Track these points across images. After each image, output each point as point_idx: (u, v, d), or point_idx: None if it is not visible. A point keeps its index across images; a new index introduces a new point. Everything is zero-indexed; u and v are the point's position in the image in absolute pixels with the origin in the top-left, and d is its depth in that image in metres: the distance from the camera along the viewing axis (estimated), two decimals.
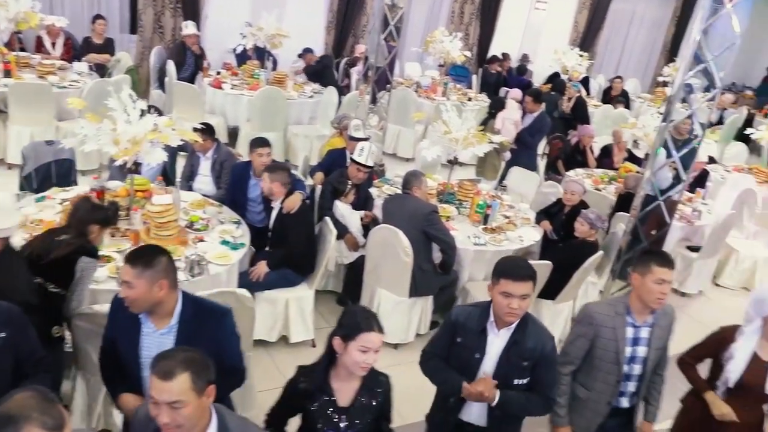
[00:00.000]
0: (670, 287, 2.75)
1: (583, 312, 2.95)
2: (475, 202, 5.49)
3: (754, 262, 7.01)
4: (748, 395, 2.93)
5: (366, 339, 2.30)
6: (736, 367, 2.90)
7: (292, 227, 4.53)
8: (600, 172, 7.49)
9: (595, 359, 2.89)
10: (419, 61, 11.47)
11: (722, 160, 9.66)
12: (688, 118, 3.61)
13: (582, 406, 2.98)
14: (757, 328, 2.90)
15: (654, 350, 2.90)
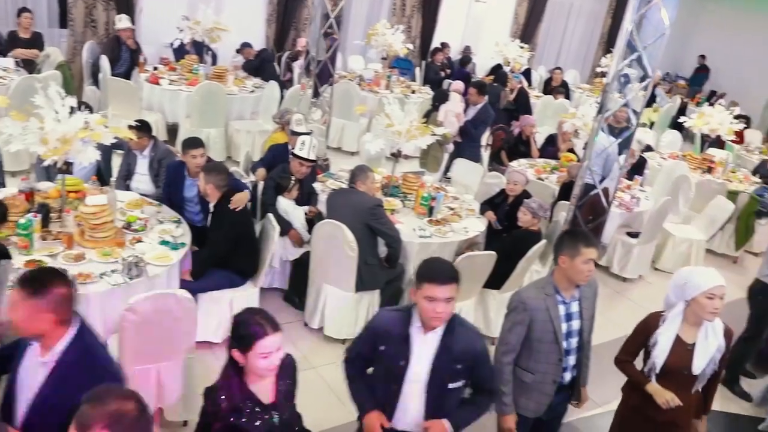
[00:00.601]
0: (593, 264, 2.90)
1: (515, 299, 3.01)
2: (420, 194, 5.50)
3: (689, 245, 7.26)
4: (676, 379, 2.99)
5: (263, 346, 2.26)
6: (661, 352, 2.96)
7: (215, 228, 4.43)
8: (542, 161, 7.60)
9: (534, 342, 2.97)
10: (362, 54, 11.42)
11: (658, 148, 9.96)
12: (624, 106, 3.69)
13: (529, 390, 3.05)
14: (679, 312, 2.96)
15: (586, 321, 3.05)
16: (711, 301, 2.85)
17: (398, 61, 11.06)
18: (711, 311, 2.86)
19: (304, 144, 5.07)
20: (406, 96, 9.50)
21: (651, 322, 3.07)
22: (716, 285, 2.85)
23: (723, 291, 2.86)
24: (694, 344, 2.96)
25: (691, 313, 2.93)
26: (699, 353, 2.95)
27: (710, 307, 2.85)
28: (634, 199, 6.87)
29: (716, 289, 2.84)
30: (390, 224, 4.77)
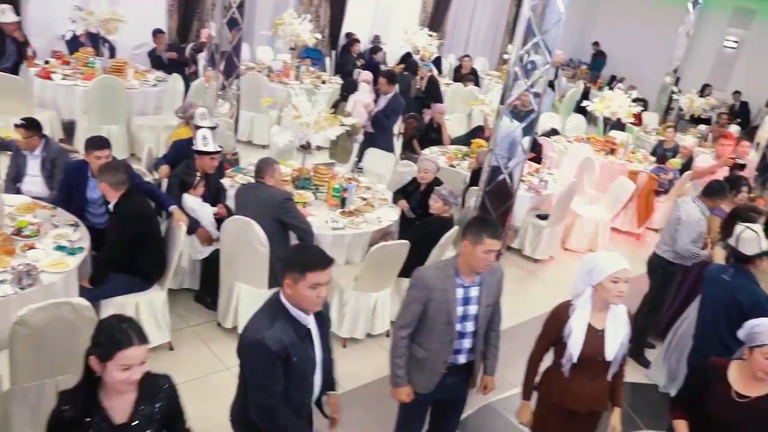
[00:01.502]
0: (495, 255, 2.92)
1: (416, 277, 3.03)
2: (331, 186, 5.42)
3: (596, 225, 7.54)
4: (591, 366, 2.99)
5: (125, 357, 2.06)
6: (576, 342, 2.94)
7: (113, 230, 4.22)
8: (453, 148, 7.68)
9: (429, 321, 3.00)
10: (270, 44, 11.18)
11: (564, 132, 10.30)
12: (526, 91, 3.75)
13: (421, 366, 3.09)
14: (587, 299, 2.96)
15: (484, 307, 3.06)
16: (616, 285, 2.86)
17: (308, 51, 10.91)
18: (616, 295, 2.88)
19: (206, 138, 4.89)
20: (317, 86, 9.38)
21: (562, 313, 3.04)
22: (620, 269, 2.87)
23: (627, 275, 2.88)
24: (604, 330, 2.97)
25: (598, 298, 2.94)
26: (610, 339, 2.96)
27: (615, 291, 2.87)
28: (543, 182, 7.07)
29: (620, 273, 2.86)
30: (301, 217, 4.67)
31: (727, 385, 2.84)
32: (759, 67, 14.19)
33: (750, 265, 3.75)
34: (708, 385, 2.92)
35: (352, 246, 5.15)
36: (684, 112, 12.73)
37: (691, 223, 4.87)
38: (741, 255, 3.76)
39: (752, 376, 2.79)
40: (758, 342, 2.74)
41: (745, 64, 15.23)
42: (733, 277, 3.75)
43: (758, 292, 3.63)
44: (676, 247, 4.94)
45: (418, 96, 9.91)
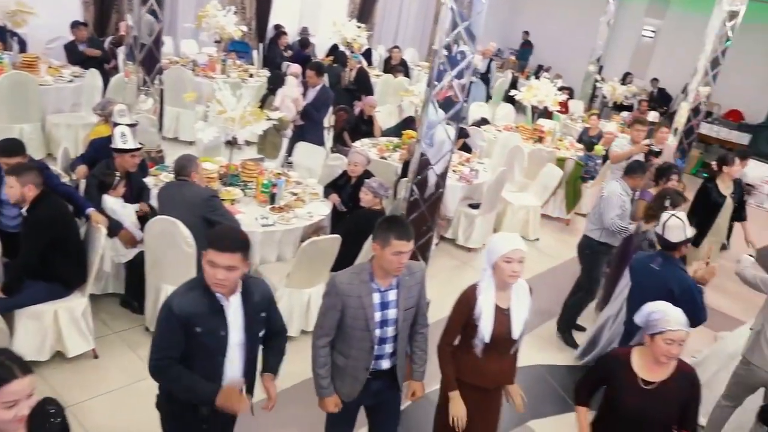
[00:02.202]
0: (407, 256, 2.81)
1: (329, 284, 2.93)
2: (260, 182, 5.31)
3: (526, 212, 7.68)
4: (500, 344, 3.07)
5: (8, 393, 1.81)
6: (487, 322, 2.99)
7: (27, 235, 3.98)
8: (384, 140, 7.66)
9: (347, 328, 2.90)
10: (195, 37, 10.85)
11: (494, 121, 10.44)
12: (451, 81, 3.74)
13: (342, 374, 3.00)
14: (489, 279, 3.01)
15: (404, 310, 2.95)
16: (509, 265, 2.91)
17: (234, 44, 10.65)
18: (509, 274, 2.93)
19: (124, 135, 4.69)
20: (244, 80, 9.17)
21: (470, 296, 3.07)
22: (512, 249, 2.92)
23: (520, 255, 2.93)
24: (510, 309, 3.05)
25: (497, 278, 2.99)
26: (515, 317, 3.05)
27: (509, 271, 2.92)
28: (473, 172, 7.13)
29: (513, 253, 2.91)
30: (228, 215, 4.55)
31: (633, 373, 2.89)
32: (674, 55, 14.77)
33: (675, 251, 3.85)
34: (614, 375, 2.96)
35: (283, 242, 5.06)
36: (607, 99, 13.14)
37: (613, 198, 5.04)
38: (667, 242, 3.85)
39: (654, 361, 2.86)
40: (659, 329, 2.81)
41: (662, 53, 15.84)
42: (661, 266, 3.80)
43: (687, 278, 3.73)
44: (604, 224, 5.08)
45: (348, 88, 9.84)
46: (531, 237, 7.68)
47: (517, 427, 4.39)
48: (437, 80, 3.82)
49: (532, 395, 4.53)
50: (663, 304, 2.95)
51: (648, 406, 2.84)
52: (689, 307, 3.53)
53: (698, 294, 3.67)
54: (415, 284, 3.00)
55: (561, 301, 5.71)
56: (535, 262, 7.11)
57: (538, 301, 5.97)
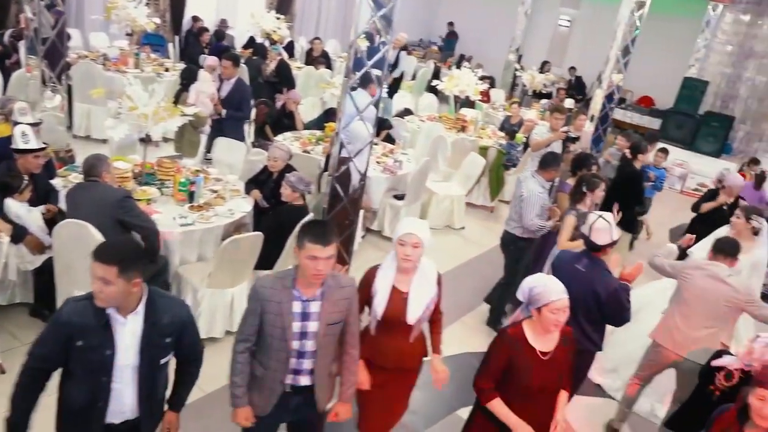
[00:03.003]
0: (327, 263, 2.65)
1: (252, 287, 2.81)
2: (177, 180, 5.12)
3: (451, 201, 7.76)
4: (395, 326, 3.13)
5: None
6: (381, 301, 3.07)
7: None
8: (307, 133, 7.56)
9: (266, 336, 2.76)
10: (105, 30, 10.37)
11: (417, 111, 10.49)
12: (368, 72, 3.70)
13: (260, 384, 2.85)
14: (391, 260, 3.10)
15: (326, 325, 2.77)
16: (402, 248, 2.99)
17: (148, 37, 10.26)
18: (402, 258, 3.01)
19: (26, 135, 4.41)
20: (159, 75, 8.84)
21: (370, 274, 3.17)
22: (405, 233, 3.00)
23: (413, 239, 2.98)
24: (409, 293, 3.10)
25: (397, 260, 3.08)
26: (413, 302, 3.09)
27: (401, 254, 3.00)
28: (397, 163, 7.14)
29: (405, 237, 2.99)
30: (143, 216, 4.36)
31: (531, 347, 2.96)
32: (589, 43, 15.25)
33: (600, 253, 3.81)
34: (516, 354, 2.96)
35: (203, 242, 4.90)
36: (527, 88, 13.45)
37: (532, 198, 5.10)
38: (593, 244, 3.80)
39: (545, 332, 2.96)
40: (544, 302, 2.90)
41: (577, 42, 16.34)
42: (587, 267, 3.75)
43: (612, 279, 3.72)
44: (523, 223, 5.15)
45: (270, 81, 9.66)
46: (456, 226, 7.77)
47: (447, 415, 4.42)
48: (354, 71, 3.77)
49: (460, 383, 4.58)
50: (541, 277, 3.04)
51: (548, 376, 2.97)
52: (615, 309, 3.65)
53: (624, 294, 3.67)
54: (343, 299, 2.81)
55: (487, 288, 5.79)
56: (461, 251, 7.20)
57: (464, 290, 6.17)
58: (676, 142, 12.14)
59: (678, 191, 11.95)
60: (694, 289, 4.06)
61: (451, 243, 7.47)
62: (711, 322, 3.98)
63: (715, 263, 4.03)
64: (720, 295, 3.92)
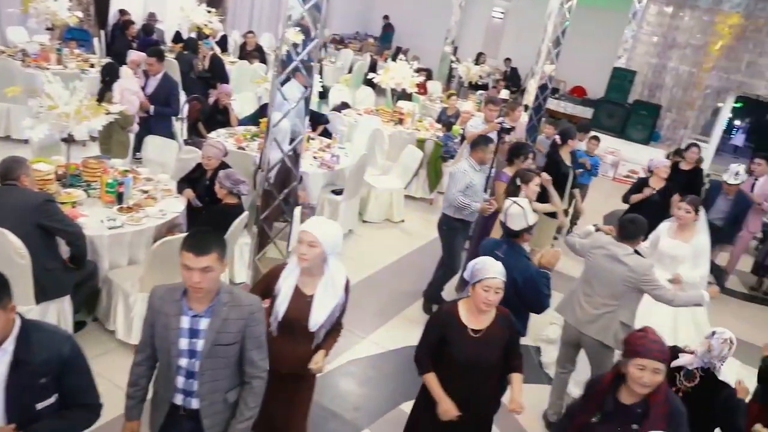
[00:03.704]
0: (204, 276, 2.41)
1: (149, 294, 2.64)
2: (104, 181, 4.91)
3: (390, 195, 7.74)
4: (296, 330, 3.00)
5: None
6: (282, 302, 2.96)
7: None
8: (242, 129, 7.39)
9: (157, 350, 2.59)
10: (23, 24, 9.87)
11: (355, 105, 10.43)
12: (297, 69, 3.63)
13: (154, 401, 2.70)
14: (294, 264, 2.99)
15: (212, 345, 2.51)
16: (298, 245, 2.92)
17: (72, 32, 9.81)
18: (298, 255, 2.92)
19: None
20: (84, 71, 8.48)
21: (275, 270, 3.08)
22: (301, 230, 2.93)
23: (308, 237, 2.89)
24: (313, 297, 2.99)
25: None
26: (317, 306, 2.98)
27: (298, 251, 2.92)
28: (335, 157, 7.07)
29: (301, 234, 2.92)
30: (67, 220, 4.15)
31: (463, 324, 3.05)
32: (522, 35, 15.51)
33: (519, 239, 3.88)
34: (448, 330, 3.08)
35: (134, 244, 4.72)
36: (463, 79, 13.56)
37: (458, 174, 5.21)
38: (509, 230, 3.88)
39: (477, 311, 3.03)
40: (478, 278, 2.99)
41: (511, 33, 16.59)
42: (506, 253, 3.76)
43: (530, 266, 3.76)
44: (447, 197, 5.23)
45: (202, 76, 9.41)
46: (396, 219, 7.77)
47: (391, 410, 4.41)
48: (283, 67, 3.69)
49: (403, 378, 4.60)
50: (486, 257, 3.13)
51: (479, 353, 3.01)
52: (533, 295, 3.71)
53: (542, 280, 3.73)
54: (239, 319, 2.54)
55: (427, 281, 5.81)
56: (402, 244, 7.20)
57: (405, 283, 6.17)
58: (608, 131, 12.47)
59: (611, 178, 12.30)
60: (595, 267, 4.16)
61: (391, 236, 7.46)
62: (610, 300, 4.06)
63: (616, 243, 4.10)
64: (617, 275, 4.01)
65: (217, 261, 2.44)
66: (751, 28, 11.55)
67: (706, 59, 12.10)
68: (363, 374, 4.85)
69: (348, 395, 4.54)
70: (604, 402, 2.67)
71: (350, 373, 4.76)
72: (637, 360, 2.55)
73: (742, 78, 11.89)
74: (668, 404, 2.64)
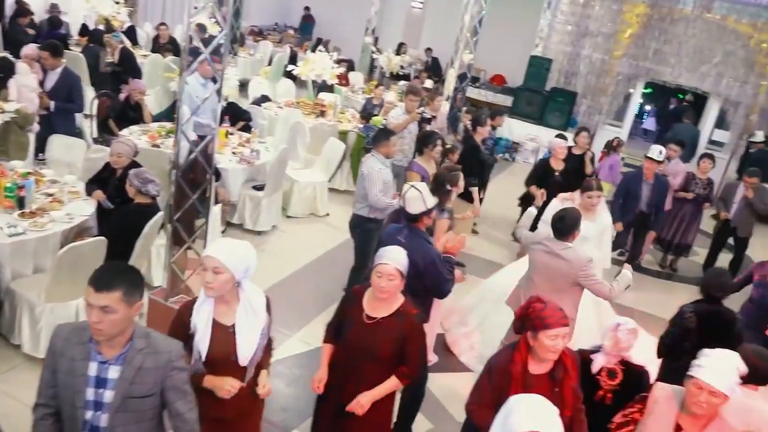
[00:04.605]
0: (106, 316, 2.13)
1: (52, 333, 2.31)
2: (2, 185, 4.59)
3: (314, 188, 7.62)
4: (228, 366, 2.69)
5: None
6: (202, 338, 2.63)
7: None
8: (156, 126, 7.09)
9: (59, 400, 2.26)
10: None
11: (275, 98, 10.21)
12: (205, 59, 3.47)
13: None
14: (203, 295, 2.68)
15: (123, 397, 2.23)
16: (204, 273, 2.62)
17: None
18: (204, 284, 2.63)
19: None
20: None
21: (183, 309, 2.77)
22: (204, 255, 2.64)
23: (212, 263, 2.59)
24: (234, 327, 2.70)
25: None
26: (242, 338, 2.69)
27: (203, 280, 2.64)
28: (255, 152, 6.90)
29: (204, 260, 2.63)
30: None
31: (361, 308, 3.05)
32: (442, 24, 15.58)
33: (418, 223, 3.86)
34: (349, 309, 3.11)
35: (39, 252, 4.44)
36: (384, 70, 13.54)
37: (372, 174, 5.14)
38: (408, 214, 3.85)
39: (377, 298, 3.01)
40: (374, 263, 3.01)
41: (431, 23, 16.66)
42: (407, 238, 3.76)
43: (430, 250, 3.76)
44: (369, 201, 5.14)
45: (113, 71, 8.98)
46: (321, 213, 7.67)
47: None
48: (190, 61, 3.53)
49: None
50: (391, 246, 3.12)
51: (366, 338, 3.00)
52: (434, 279, 3.72)
53: (444, 265, 3.75)
54: (155, 368, 2.26)
55: None
56: (327, 238, 7.11)
57: (329, 279, 6.08)
58: (528, 118, 12.74)
59: (531, 164, 12.58)
60: (536, 263, 4.24)
61: (316, 231, 7.36)
62: (552, 294, 4.11)
63: (553, 239, 4.16)
64: (557, 270, 4.09)
65: (120, 301, 2.13)
66: (656, 17, 12.01)
67: (617, 47, 12.51)
68: (290, 373, 4.75)
69: (275, 396, 4.39)
70: (524, 379, 2.77)
71: (277, 373, 4.64)
72: (549, 331, 2.70)
73: (650, 65, 12.37)
74: (571, 355, 2.87)
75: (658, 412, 2.73)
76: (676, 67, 12.13)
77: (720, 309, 4.02)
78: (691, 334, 3.82)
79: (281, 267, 6.16)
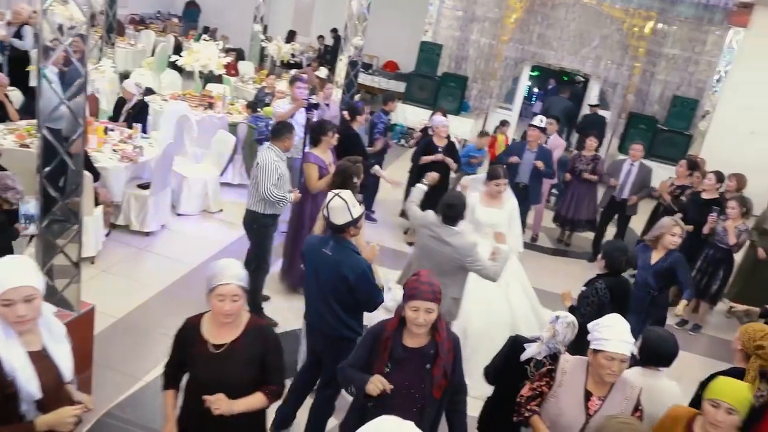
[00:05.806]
0: None
1: None
2: None
3: (205, 184, 7.30)
4: (58, 395, 2.40)
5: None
6: (28, 375, 2.27)
7: None
8: (25, 124, 6.55)
9: None
10: None
11: (160, 90, 9.72)
12: (65, 53, 3.18)
13: None
14: (3, 320, 2.27)
15: None
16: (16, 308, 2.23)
17: None
18: (16, 319, 2.24)
19: None
20: None
21: None
22: (7, 290, 2.21)
23: (22, 293, 2.22)
24: (45, 349, 2.38)
25: None
26: (56, 356, 2.41)
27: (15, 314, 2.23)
28: (138, 149, 6.52)
29: (9, 294, 2.20)
30: None
31: (203, 339, 2.67)
32: (332, 12, 15.42)
33: (344, 234, 3.56)
34: (188, 346, 2.69)
35: None
36: (275, 58, 13.23)
37: (268, 166, 4.96)
38: (333, 225, 3.54)
39: (221, 324, 2.66)
40: (211, 285, 2.63)
41: (321, 10, 16.44)
42: (333, 250, 3.50)
43: (360, 262, 3.51)
44: (260, 192, 4.96)
45: None
46: (213, 209, 7.38)
47: None
48: (48, 51, 3.22)
49: None
50: (222, 259, 2.73)
51: (218, 370, 2.62)
52: (366, 292, 3.48)
53: (373, 276, 3.54)
54: None
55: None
56: (222, 235, 6.85)
57: None
58: (421, 103, 12.83)
59: None
60: (423, 248, 4.25)
61: (210, 228, 7.07)
62: (440, 278, 4.11)
63: (440, 224, 4.14)
64: (443, 255, 4.10)
65: None
66: (538, 2, 12.41)
67: (503, 32, 12.82)
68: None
69: None
70: (393, 350, 2.75)
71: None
72: (412, 302, 2.67)
73: (535, 49, 12.78)
74: (450, 339, 2.83)
75: (567, 383, 2.87)
76: (558, 51, 12.60)
77: (623, 279, 4.18)
78: (606, 307, 3.87)
79: (171, 270, 5.86)
